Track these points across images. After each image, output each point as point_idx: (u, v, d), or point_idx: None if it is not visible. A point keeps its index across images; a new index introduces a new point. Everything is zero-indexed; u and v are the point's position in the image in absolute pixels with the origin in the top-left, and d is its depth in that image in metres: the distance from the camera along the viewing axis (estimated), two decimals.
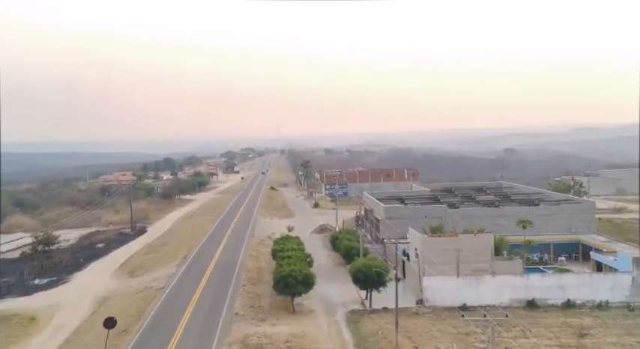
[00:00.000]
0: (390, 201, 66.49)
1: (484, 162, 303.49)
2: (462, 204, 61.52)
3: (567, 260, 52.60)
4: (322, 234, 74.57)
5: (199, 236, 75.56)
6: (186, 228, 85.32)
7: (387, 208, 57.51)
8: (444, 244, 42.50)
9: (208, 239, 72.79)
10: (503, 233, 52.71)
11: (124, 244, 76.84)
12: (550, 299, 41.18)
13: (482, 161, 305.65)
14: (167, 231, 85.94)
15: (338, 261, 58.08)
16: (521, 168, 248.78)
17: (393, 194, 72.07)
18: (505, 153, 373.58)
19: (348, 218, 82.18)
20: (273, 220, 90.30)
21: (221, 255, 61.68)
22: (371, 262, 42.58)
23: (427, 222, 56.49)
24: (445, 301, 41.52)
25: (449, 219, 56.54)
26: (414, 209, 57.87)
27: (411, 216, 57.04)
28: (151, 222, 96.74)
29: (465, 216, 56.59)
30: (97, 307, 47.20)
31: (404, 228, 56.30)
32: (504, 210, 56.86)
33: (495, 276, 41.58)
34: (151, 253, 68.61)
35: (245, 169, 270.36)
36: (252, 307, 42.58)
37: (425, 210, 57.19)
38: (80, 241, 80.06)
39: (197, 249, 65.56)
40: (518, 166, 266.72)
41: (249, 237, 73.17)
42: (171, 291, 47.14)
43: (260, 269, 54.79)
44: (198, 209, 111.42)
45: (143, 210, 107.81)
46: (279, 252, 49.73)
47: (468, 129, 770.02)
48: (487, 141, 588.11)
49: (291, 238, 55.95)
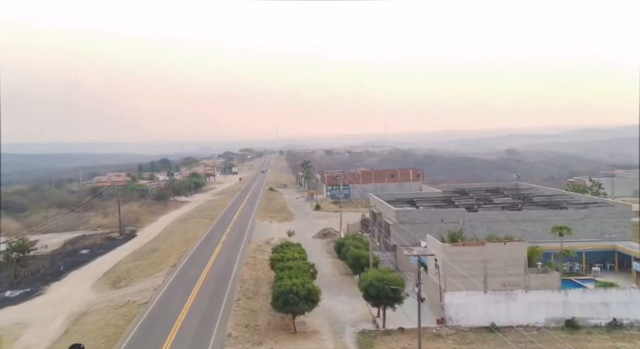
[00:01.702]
0: (400, 204, 60.72)
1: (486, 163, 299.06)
2: (480, 207, 55.77)
3: (601, 270, 46.88)
4: (325, 239, 68.82)
5: (192, 241, 69.79)
6: (178, 233, 79.52)
7: (398, 212, 51.77)
8: (469, 254, 36.74)
9: (201, 244, 67.00)
10: (528, 239, 47.08)
11: (110, 250, 71.02)
12: (592, 318, 35.49)
13: (484, 162, 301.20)
14: (158, 235, 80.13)
15: (344, 270, 52.36)
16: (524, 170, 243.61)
17: (403, 196, 66.32)
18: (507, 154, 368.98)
19: (352, 221, 76.51)
20: (272, 224, 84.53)
21: (214, 262, 55.90)
22: (384, 275, 36.85)
23: (444, 227, 50.81)
24: (470, 320, 35.85)
25: (467, 224, 50.82)
26: (428, 212, 52.12)
27: (425, 221, 51.31)
28: (141, 226, 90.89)
29: (485, 220, 50.86)
30: (71, 325, 41.40)
31: (417, 233, 50.64)
32: (529, 214, 51.11)
33: (529, 292, 35.85)
34: (139, 260, 62.77)
35: (244, 170, 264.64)
36: (247, 327, 36.80)
37: (441, 214, 51.46)
38: (64, 247, 74.25)
39: (188, 256, 59.77)
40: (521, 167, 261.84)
41: (245, 242, 67.38)
42: (156, 307, 41.34)
43: (257, 280, 49.01)
44: (193, 211, 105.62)
45: (135, 212, 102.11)
46: (278, 262, 43.96)
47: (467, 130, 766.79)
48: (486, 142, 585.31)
49: (292, 245, 50.18)
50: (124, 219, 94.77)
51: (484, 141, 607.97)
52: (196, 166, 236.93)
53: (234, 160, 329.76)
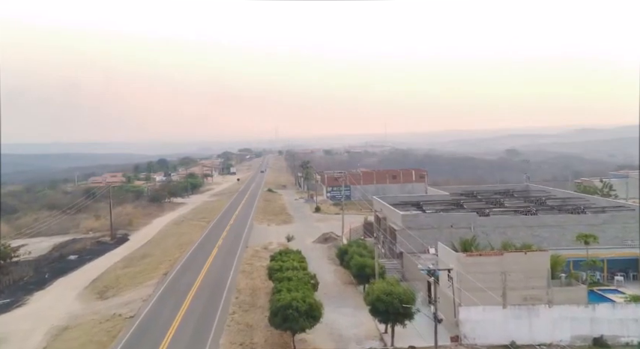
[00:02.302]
0: (406, 207, 57.35)
1: (486, 163, 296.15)
2: (491, 211, 52.37)
3: (625, 279, 43.54)
4: (326, 244, 65.45)
5: (186, 246, 66.39)
6: (172, 236, 76.09)
7: (405, 216, 48.38)
8: (486, 265, 33.40)
9: (196, 250, 63.60)
10: (545, 246, 43.78)
11: (100, 255, 67.56)
12: (623, 336, 32.21)
13: (485, 162, 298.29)
14: (151, 239, 76.68)
15: (347, 279, 49.00)
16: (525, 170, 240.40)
17: (408, 199, 62.87)
18: (507, 154, 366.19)
19: (354, 225, 73.11)
20: (271, 227, 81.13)
21: (209, 270, 52.52)
22: (393, 288, 33.50)
23: (454, 233, 47.45)
24: (488, 338, 32.58)
25: (479, 230, 47.41)
26: (437, 217, 48.69)
27: (433, 226, 47.92)
28: (134, 229, 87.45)
29: (498, 225, 47.47)
30: (51, 340, 37.95)
31: (425, 239, 47.25)
32: (545, 219, 47.73)
33: (553, 307, 32.53)
34: (129, 267, 59.34)
35: (242, 170, 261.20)
36: (242, 345, 33.48)
37: (450, 219, 48.06)
38: (51, 252, 70.77)
39: (182, 263, 56.37)
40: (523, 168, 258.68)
41: (242, 247, 63.99)
42: (143, 321, 37.93)
43: (254, 290, 45.63)
44: (188, 213, 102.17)
45: (128, 214, 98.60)
46: (276, 272, 40.58)
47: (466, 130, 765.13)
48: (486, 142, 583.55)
49: (292, 252, 46.78)
50: (116, 221, 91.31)
51: (484, 141, 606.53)
52: (194, 166, 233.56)
53: (233, 160, 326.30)
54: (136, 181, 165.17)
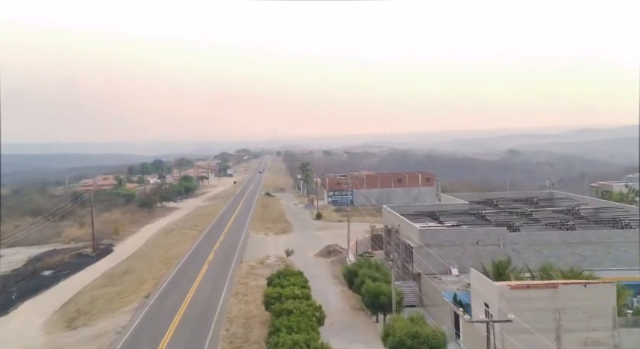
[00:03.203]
0: (419, 218, 50.79)
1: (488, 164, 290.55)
2: (522, 225, 45.66)
3: None
4: (329, 259, 58.75)
5: (174, 260, 59.70)
6: (160, 248, 69.44)
7: (423, 231, 41.76)
8: (537, 300, 26.80)
9: (184, 265, 56.92)
10: (587, 267, 37.31)
11: (78, 270, 60.80)
12: None
13: (486, 163, 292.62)
14: (137, 251, 69.99)
15: (356, 304, 42.34)
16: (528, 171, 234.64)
17: (422, 208, 56.14)
18: (508, 155, 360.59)
19: (360, 237, 66.46)
20: (268, 237, 74.47)
21: (196, 292, 45.82)
22: (418, 327, 26.97)
23: (480, 252, 40.94)
24: None
25: (509, 247, 40.85)
26: (461, 233, 42.07)
27: (456, 243, 41.32)
28: (121, 238, 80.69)
29: (532, 242, 40.87)
30: None
31: (447, 257, 40.77)
32: (587, 235, 41.12)
33: None
34: (108, 285, 52.63)
35: (239, 172, 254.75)
36: None
37: (476, 234, 41.46)
38: (26, 266, 64.01)
39: (167, 282, 49.67)
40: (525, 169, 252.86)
41: (236, 262, 57.30)
42: None
43: (248, 319, 38.94)
44: (180, 220, 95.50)
45: (115, 221, 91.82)
46: (275, 301, 33.98)
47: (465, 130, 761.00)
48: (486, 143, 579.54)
49: (292, 274, 40.14)
50: (102, 230, 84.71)
51: (483, 141, 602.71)
52: (190, 168, 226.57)
53: (230, 162, 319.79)
54: (128, 184, 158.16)
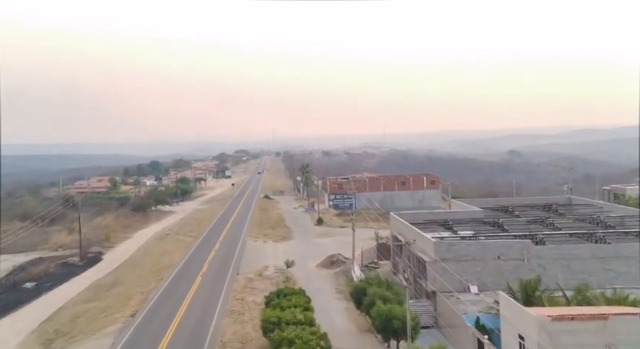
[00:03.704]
0: (431, 227, 46.77)
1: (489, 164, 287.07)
2: (547, 236, 41.49)
3: None
4: (332, 270, 54.63)
5: (166, 271, 55.59)
6: (152, 256, 65.25)
7: (438, 244, 37.66)
8: (582, 333, 22.73)
9: (176, 276, 52.78)
10: (621, 284, 33.31)
11: (63, 282, 56.55)
12: None
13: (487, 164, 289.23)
14: (128, 259, 65.74)
15: (363, 324, 38.25)
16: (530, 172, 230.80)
17: (433, 216, 51.98)
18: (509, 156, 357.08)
19: (365, 244, 62.38)
20: (267, 244, 70.34)
21: (188, 309, 41.68)
22: None
23: (501, 267, 36.93)
24: None
25: (534, 262, 36.79)
26: (480, 246, 37.91)
27: (475, 257, 37.23)
28: (111, 245, 76.45)
29: (560, 256, 36.77)
30: None
31: (464, 273, 36.77)
32: (621, 249, 37.04)
33: None
34: (92, 300, 48.42)
35: (238, 173, 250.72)
36: None
37: (497, 248, 37.36)
38: (8, 276, 59.73)
39: (156, 297, 45.51)
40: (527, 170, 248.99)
41: (232, 274, 53.16)
42: None
43: (244, 343, 34.84)
44: (175, 225, 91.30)
45: (106, 227, 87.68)
46: (273, 327, 29.85)
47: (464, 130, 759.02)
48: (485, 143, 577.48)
49: (294, 292, 35.99)
50: (92, 236, 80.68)
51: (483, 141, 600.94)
52: (187, 169, 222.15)
53: (229, 163, 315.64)
54: (123, 186, 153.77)
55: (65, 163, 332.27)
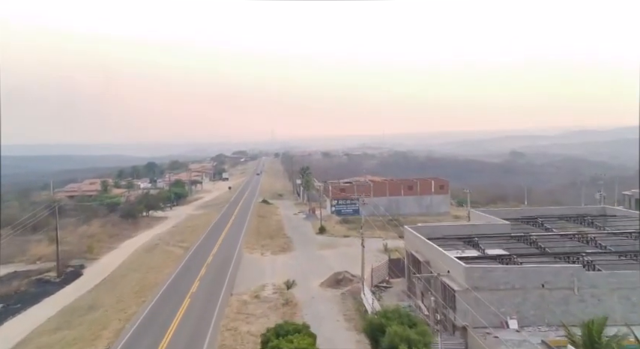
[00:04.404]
0: (452, 244, 40.58)
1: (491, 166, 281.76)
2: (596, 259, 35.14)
3: None
4: (339, 290, 48.15)
5: (150, 290, 49.24)
6: (137, 272, 58.84)
7: (470, 270, 31.38)
8: None
9: (162, 298, 46.41)
10: None
11: (34, 303, 50.17)
12: None
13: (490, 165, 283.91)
14: (110, 275, 59.34)
15: None
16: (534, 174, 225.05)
17: (454, 230, 45.62)
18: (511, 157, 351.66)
19: (374, 257, 56.16)
20: (265, 257, 63.98)
21: (170, 344, 35.30)
22: None
23: (546, 297, 30.70)
24: None
25: (586, 292, 30.54)
26: (521, 272, 31.64)
27: (515, 285, 30.97)
28: (94, 258, 70.04)
29: (618, 285, 30.53)
30: None
31: (502, 305, 30.69)
32: None
33: None
34: (62, 328, 42.01)
35: (236, 175, 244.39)
36: None
37: (541, 274, 31.12)
38: None
39: (136, 325, 39.14)
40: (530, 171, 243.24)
41: (225, 295, 46.80)
42: None
43: None
44: (166, 233, 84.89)
45: (91, 236, 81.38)
46: None
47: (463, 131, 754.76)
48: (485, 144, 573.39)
49: (296, 329, 29.57)
50: (75, 246, 74.50)
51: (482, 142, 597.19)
52: (184, 171, 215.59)
53: (227, 164, 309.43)
54: (115, 189, 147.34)
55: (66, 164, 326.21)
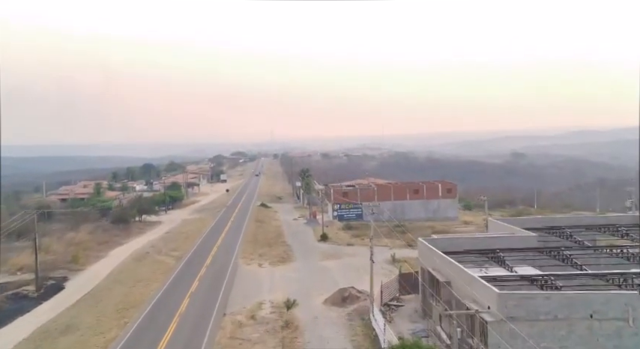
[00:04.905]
0: (474, 260, 35.79)
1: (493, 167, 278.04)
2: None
3: None
4: (345, 309, 43.23)
5: (135, 308, 44.40)
6: (123, 285, 53.93)
7: (504, 296, 26.55)
8: None
9: (147, 317, 41.58)
10: None
11: (7, 323, 45.13)
12: None
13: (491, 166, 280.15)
14: (94, 289, 54.28)
15: None
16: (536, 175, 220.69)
17: (474, 244, 40.60)
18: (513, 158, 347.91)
19: (381, 268, 51.45)
20: (262, 268, 59.07)
21: None
22: None
23: (595, 329, 25.82)
24: None
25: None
26: (566, 300, 26.80)
27: (557, 315, 26.12)
28: (80, 267, 65.03)
29: None
30: None
31: (543, 338, 25.83)
32: None
33: None
34: None
35: (234, 177, 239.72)
36: None
37: (589, 302, 26.31)
38: None
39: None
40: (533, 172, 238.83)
41: (218, 314, 41.95)
42: None
43: None
44: (159, 240, 79.95)
45: (79, 243, 76.44)
46: None
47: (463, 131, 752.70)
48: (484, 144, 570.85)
49: None
50: (60, 255, 69.73)
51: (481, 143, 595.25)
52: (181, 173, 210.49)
53: (225, 165, 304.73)
54: (109, 192, 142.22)
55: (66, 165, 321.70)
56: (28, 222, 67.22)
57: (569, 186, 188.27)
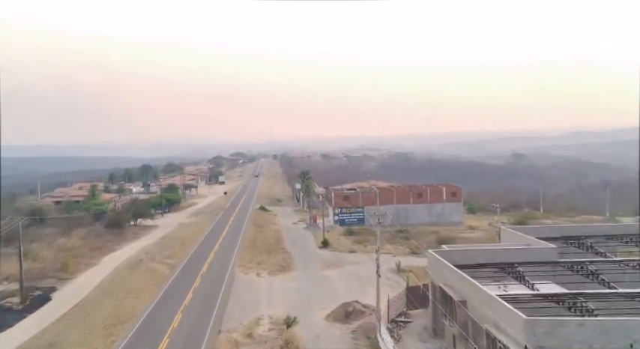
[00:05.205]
0: (491, 275, 32.88)
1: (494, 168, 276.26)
2: None
3: None
4: (349, 325, 40.28)
5: (124, 324, 41.45)
6: (113, 296, 50.89)
7: (532, 324, 23.65)
8: None
9: (136, 335, 38.64)
10: None
11: None
12: None
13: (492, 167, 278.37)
14: (82, 301, 51.15)
15: None
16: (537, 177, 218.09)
17: (489, 257, 37.67)
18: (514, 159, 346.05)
19: (387, 283, 48.48)
20: (261, 278, 56.10)
21: None
22: None
23: None
24: None
25: None
26: (602, 327, 23.90)
27: (592, 344, 23.18)
28: (70, 276, 61.89)
29: None
30: None
31: None
32: None
33: None
34: None
35: (233, 178, 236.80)
36: None
37: (627, 329, 23.43)
38: None
39: None
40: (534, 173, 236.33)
41: (212, 331, 38.98)
42: None
43: None
44: (153, 246, 76.89)
45: (70, 249, 73.36)
46: None
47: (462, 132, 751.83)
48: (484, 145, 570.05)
49: None
50: (50, 263, 66.51)
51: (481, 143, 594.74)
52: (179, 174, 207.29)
53: (224, 166, 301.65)
54: (105, 194, 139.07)
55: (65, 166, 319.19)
56: (14, 227, 64.26)
57: (571, 188, 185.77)
